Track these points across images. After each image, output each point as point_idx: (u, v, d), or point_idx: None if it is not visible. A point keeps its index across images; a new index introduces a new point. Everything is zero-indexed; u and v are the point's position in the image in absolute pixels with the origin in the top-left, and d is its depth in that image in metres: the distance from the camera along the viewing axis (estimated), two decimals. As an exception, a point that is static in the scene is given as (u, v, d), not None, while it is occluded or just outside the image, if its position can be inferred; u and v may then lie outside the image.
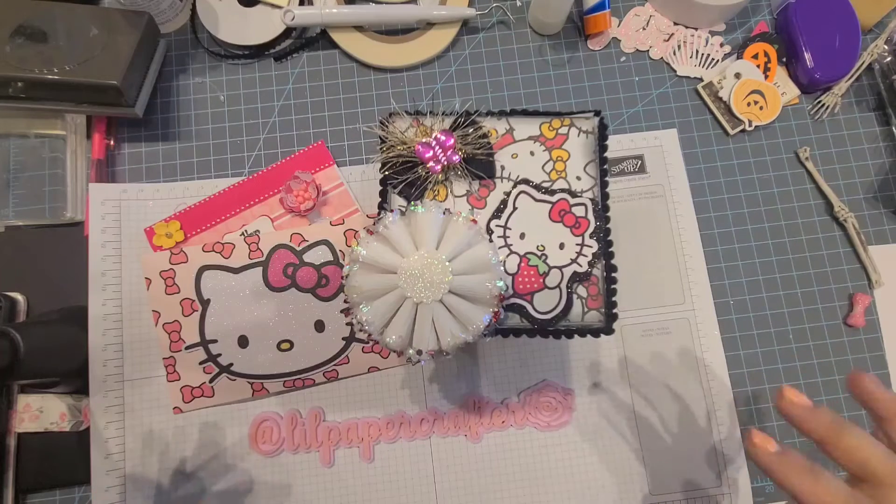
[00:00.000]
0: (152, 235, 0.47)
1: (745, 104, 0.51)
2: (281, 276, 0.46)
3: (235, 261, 0.47)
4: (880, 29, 0.54)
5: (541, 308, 0.36)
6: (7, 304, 0.45)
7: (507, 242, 0.37)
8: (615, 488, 0.46)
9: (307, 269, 0.47)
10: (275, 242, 0.47)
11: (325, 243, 0.47)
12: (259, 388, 0.46)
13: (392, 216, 0.33)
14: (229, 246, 0.47)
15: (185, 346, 0.46)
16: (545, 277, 0.36)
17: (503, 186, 0.37)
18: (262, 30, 0.51)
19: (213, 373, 0.46)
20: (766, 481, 0.46)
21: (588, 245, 0.36)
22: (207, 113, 0.51)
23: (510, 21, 0.54)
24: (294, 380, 0.46)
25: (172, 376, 0.46)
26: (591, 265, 0.36)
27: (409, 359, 0.32)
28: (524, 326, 0.36)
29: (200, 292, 0.46)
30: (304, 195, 0.47)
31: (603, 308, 0.36)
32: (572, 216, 0.37)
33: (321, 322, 0.46)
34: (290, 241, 0.47)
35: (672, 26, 0.53)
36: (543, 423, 0.46)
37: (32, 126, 0.50)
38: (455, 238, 0.32)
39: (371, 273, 0.32)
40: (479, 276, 0.32)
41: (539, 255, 0.36)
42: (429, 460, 0.46)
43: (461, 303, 0.32)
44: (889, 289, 0.49)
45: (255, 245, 0.47)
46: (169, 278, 0.46)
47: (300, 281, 0.46)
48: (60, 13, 0.46)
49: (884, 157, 0.52)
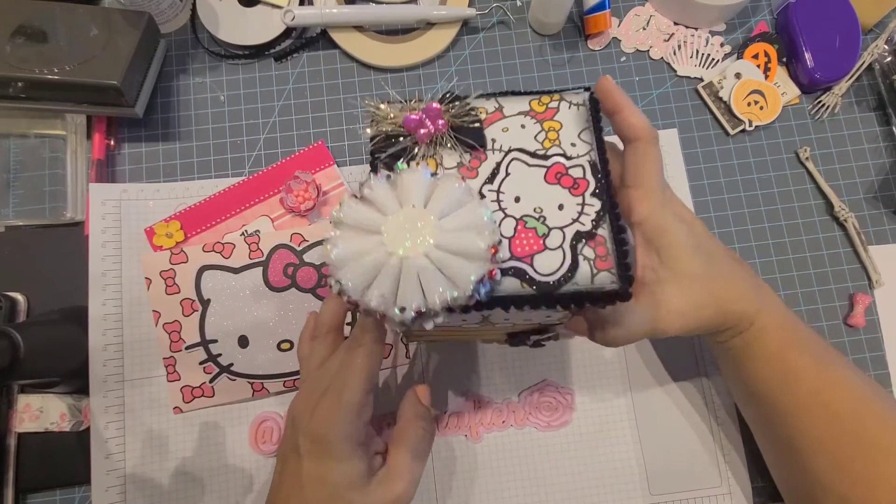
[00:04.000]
0: (152, 235, 0.47)
1: (746, 104, 0.51)
2: (281, 275, 0.46)
3: (236, 261, 0.46)
4: (880, 29, 0.54)
5: (542, 270, 0.32)
6: (7, 304, 0.45)
7: (500, 206, 0.34)
8: (615, 488, 0.46)
9: (308, 269, 0.46)
10: (275, 242, 0.47)
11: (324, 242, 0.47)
12: (259, 388, 0.46)
13: (377, 178, 0.31)
14: (229, 246, 0.47)
15: (186, 346, 0.46)
16: (545, 239, 0.33)
17: (495, 157, 0.35)
18: (262, 30, 0.51)
19: (213, 373, 0.46)
20: (766, 481, 0.46)
21: (590, 204, 0.33)
22: (207, 113, 0.51)
23: (510, 21, 0.54)
24: (294, 380, 0.46)
25: (172, 376, 0.46)
26: (594, 224, 0.33)
27: (393, 320, 0.29)
28: (525, 293, 0.32)
29: (201, 292, 0.46)
30: (305, 195, 0.47)
31: (615, 269, 0.32)
32: (570, 178, 0.34)
33: None
34: (291, 241, 0.47)
35: (672, 26, 0.53)
36: (543, 423, 0.46)
37: (32, 126, 0.50)
38: (444, 197, 0.30)
39: (352, 235, 0.30)
40: (469, 232, 0.30)
41: (537, 218, 0.33)
42: (429, 460, 0.46)
43: (450, 258, 0.29)
44: (889, 289, 0.49)
45: (255, 245, 0.47)
46: (169, 278, 0.46)
47: (301, 281, 0.46)
48: (60, 13, 0.46)
49: (884, 157, 0.52)
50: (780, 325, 0.38)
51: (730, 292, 0.37)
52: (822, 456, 0.37)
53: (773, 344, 0.37)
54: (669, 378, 0.47)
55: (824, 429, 0.37)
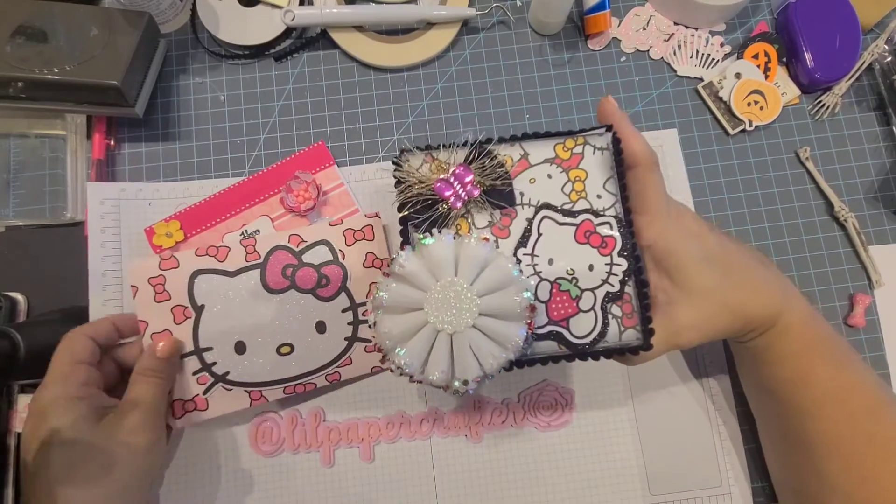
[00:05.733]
0: (152, 235, 0.47)
1: (746, 104, 0.51)
2: (280, 277, 0.45)
3: (231, 264, 0.45)
4: (881, 29, 0.54)
5: (578, 332, 0.35)
6: (7, 304, 0.45)
7: (535, 270, 0.36)
8: (615, 488, 0.46)
9: (307, 269, 0.45)
10: (273, 244, 0.45)
11: (325, 243, 0.46)
12: (258, 396, 0.44)
13: (404, 253, 0.32)
14: (224, 249, 0.45)
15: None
16: (578, 301, 0.36)
17: (525, 213, 0.36)
18: (262, 30, 0.51)
19: (207, 383, 0.44)
20: (766, 481, 0.46)
21: (617, 263, 0.36)
22: (207, 113, 0.51)
23: (510, 21, 0.54)
24: (295, 385, 0.44)
25: None
26: (622, 283, 0.36)
27: (457, 391, 0.31)
28: (562, 353, 0.35)
29: (194, 298, 0.44)
30: (305, 195, 0.47)
31: (639, 325, 0.35)
32: (598, 236, 0.36)
33: (322, 323, 0.45)
34: (289, 242, 0.45)
35: (672, 26, 0.53)
36: (543, 423, 0.46)
37: (32, 126, 0.50)
38: (471, 260, 0.32)
39: (397, 315, 0.32)
40: (504, 292, 0.32)
41: (570, 280, 0.36)
42: (429, 460, 0.46)
43: (494, 322, 0.31)
44: (889, 289, 0.49)
45: (251, 248, 0.45)
46: (158, 285, 0.43)
47: (299, 282, 0.45)
48: (60, 13, 0.46)
49: (884, 157, 0.52)
50: (804, 324, 0.38)
51: (750, 297, 0.37)
52: (834, 456, 0.37)
53: (794, 344, 0.38)
54: (670, 378, 0.47)
55: (839, 428, 0.37)
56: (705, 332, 0.36)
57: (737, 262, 0.38)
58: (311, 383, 0.45)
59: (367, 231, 0.46)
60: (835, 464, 0.37)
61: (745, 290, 0.37)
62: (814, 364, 0.38)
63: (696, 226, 0.38)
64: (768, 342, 0.38)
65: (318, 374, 0.45)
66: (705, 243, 0.37)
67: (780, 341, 0.38)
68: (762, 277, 0.38)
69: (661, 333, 0.35)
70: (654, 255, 0.36)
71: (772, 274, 0.39)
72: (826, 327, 0.39)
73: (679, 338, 0.36)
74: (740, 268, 0.38)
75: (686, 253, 0.36)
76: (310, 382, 0.45)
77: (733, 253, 0.38)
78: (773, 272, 0.40)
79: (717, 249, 0.37)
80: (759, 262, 0.39)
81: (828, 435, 0.37)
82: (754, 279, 0.38)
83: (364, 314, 0.45)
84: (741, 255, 0.38)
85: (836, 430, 0.37)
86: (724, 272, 0.37)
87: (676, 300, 0.36)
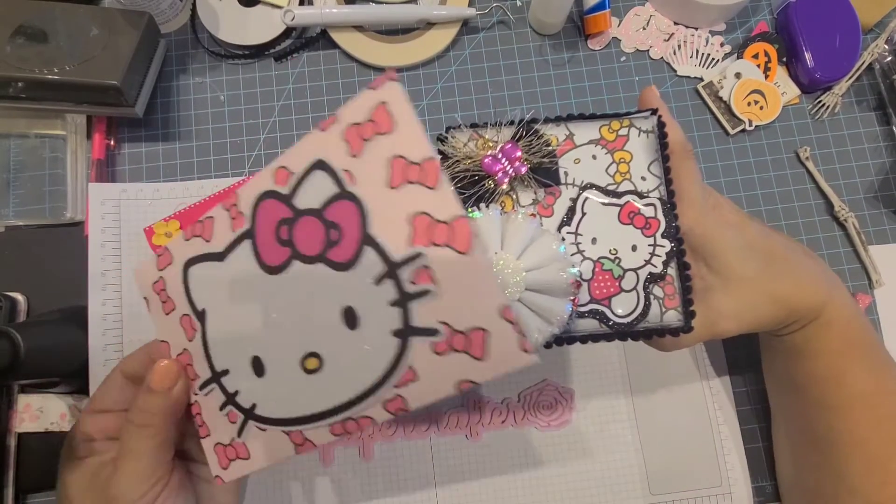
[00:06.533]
0: (152, 235, 0.47)
1: (746, 104, 0.51)
2: (274, 244, 0.30)
3: (217, 240, 0.32)
4: (881, 28, 0.54)
5: (619, 311, 0.35)
6: (7, 304, 0.45)
7: (579, 249, 0.36)
8: (615, 488, 0.46)
9: (307, 220, 0.29)
10: (255, 193, 0.30)
11: (320, 166, 0.28)
12: (300, 440, 0.30)
13: None
14: (209, 222, 0.32)
15: (199, 384, 0.33)
16: (620, 281, 0.36)
17: (569, 192, 0.36)
18: (262, 30, 0.51)
19: (237, 422, 0.32)
20: (766, 481, 0.46)
21: (661, 245, 0.36)
22: (207, 113, 0.51)
23: (510, 21, 0.54)
24: (344, 421, 0.29)
25: (203, 430, 0.33)
26: (665, 265, 0.35)
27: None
28: (602, 331, 0.35)
29: (192, 301, 0.33)
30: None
31: (680, 307, 0.35)
32: (642, 217, 0.36)
33: (351, 311, 0.28)
34: (275, 183, 0.30)
35: (672, 26, 0.53)
36: (543, 423, 0.46)
37: (32, 126, 0.50)
38: (518, 235, 0.32)
39: None
40: (550, 268, 0.31)
41: (612, 259, 0.36)
42: (429, 460, 0.46)
43: (540, 297, 0.31)
44: (889, 289, 0.49)
45: (234, 209, 0.31)
46: (162, 291, 0.34)
47: (301, 244, 0.29)
48: (60, 13, 0.46)
49: (884, 157, 0.52)
50: (847, 320, 0.37)
51: (794, 288, 0.36)
52: (857, 457, 0.37)
53: (835, 341, 0.37)
54: (670, 378, 0.47)
55: (865, 431, 0.37)
56: (746, 321, 0.36)
57: (780, 252, 0.37)
58: (365, 417, 0.28)
59: (380, 117, 0.26)
60: (857, 465, 0.36)
61: (789, 280, 0.36)
62: (851, 364, 0.37)
63: (734, 215, 0.38)
64: (808, 336, 0.37)
65: (370, 401, 0.28)
66: (745, 232, 0.37)
67: (820, 336, 0.37)
68: (807, 268, 0.37)
69: (699, 319, 0.35)
70: (691, 243, 0.36)
71: (817, 265, 0.39)
72: (868, 328, 0.39)
73: (717, 326, 0.36)
74: (784, 257, 0.37)
75: (724, 241, 0.35)
76: (364, 416, 0.28)
77: (776, 242, 0.37)
78: (818, 263, 0.39)
79: (758, 238, 0.37)
80: (803, 253, 0.39)
81: (853, 436, 0.37)
82: (799, 269, 0.37)
83: (416, 277, 0.26)
84: (785, 245, 0.38)
85: (862, 432, 0.36)
86: (767, 261, 0.36)
87: (714, 287, 0.36)
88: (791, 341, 0.38)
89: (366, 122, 0.26)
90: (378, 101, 0.25)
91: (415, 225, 0.25)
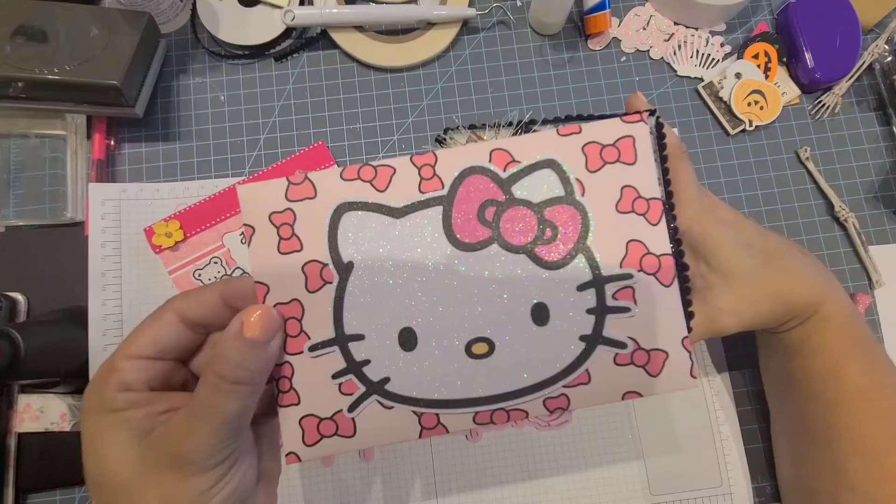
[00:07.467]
0: (152, 235, 0.47)
1: (746, 104, 0.51)
2: (475, 221, 0.29)
3: (396, 195, 0.29)
4: (881, 29, 0.54)
5: None
6: (7, 304, 0.45)
7: None
8: (615, 488, 0.46)
9: (519, 210, 0.29)
10: (464, 164, 0.29)
11: (551, 166, 0.29)
12: (431, 423, 0.29)
13: None
14: (386, 171, 0.29)
15: (310, 344, 0.29)
16: None
17: None
18: (262, 30, 0.51)
19: (355, 394, 0.29)
20: (766, 481, 0.46)
21: None
22: (207, 113, 0.51)
23: (510, 21, 0.54)
24: (493, 411, 0.29)
25: (287, 397, 0.29)
26: None
27: None
28: None
29: (337, 249, 0.29)
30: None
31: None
32: None
33: (543, 307, 0.29)
34: (490, 163, 0.29)
35: (672, 26, 0.53)
36: (543, 423, 0.46)
37: (33, 126, 0.50)
38: None
39: None
40: None
41: None
42: (429, 460, 0.46)
43: None
44: (889, 289, 0.49)
45: (429, 170, 0.29)
46: (285, 226, 0.29)
47: (507, 232, 0.29)
48: (60, 13, 0.46)
49: (884, 157, 0.52)
50: (844, 317, 0.38)
51: (792, 284, 0.37)
52: (856, 454, 0.37)
53: (831, 336, 0.37)
54: (669, 378, 0.47)
55: (863, 426, 0.37)
56: (746, 318, 0.36)
57: (776, 249, 0.38)
58: (519, 410, 0.29)
59: (625, 147, 0.29)
60: (856, 461, 0.37)
61: (787, 277, 0.37)
62: (849, 359, 0.37)
63: (730, 215, 0.38)
64: (805, 333, 0.38)
65: (532, 396, 0.29)
66: (742, 230, 0.37)
67: (817, 333, 0.37)
68: (804, 265, 0.38)
69: (699, 318, 0.35)
70: (691, 242, 0.36)
71: (813, 263, 0.39)
72: (864, 324, 0.39)
73: (717, 323, 0.36)
74: (780, 254, 0.37)
75: (723, 238, 0.36)
76: (518, 409, 0.29)
77: (772, 240, 0.38)
78: (814, 261, 0.40)
79: (755, 236, 0.37)
80: (799, 251, 0.39)
81: (851, 432, 0.37)
82: (796, 266, 0.37)
83: (616, 296, 0.29)
84: (780, 242, 0.38)
85: (860, 428, 0.37)
86: (765, 258, 0.37)
87: (714, 285, 0.36)
88: (789, 338, 0.39)
89: (609, 146, 0.29)
90: (627, 133, 0.29)
91: (629, 249, 0.29)
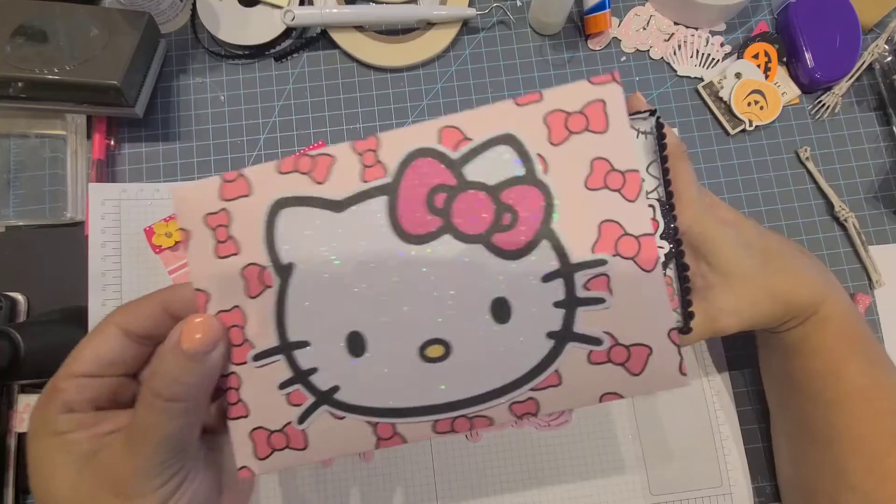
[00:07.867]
0: (152, 235, 0.47)
1: (746, 104, 0.51)
2: (423, 210, 0.26)
3: (337, 186, 0.26)
4: (881, 28, 0.54)
5: None
6: (7, 304, 0.45)
7: None
8: (615, 488, 0.46)
9: (471, 194, 0.26)
10: (410, 147, 0.26)
11: (508, 141, 0.25)
12: (388, 433, 0.27)
13: None
14: (325, 160, 0.26)
15: (253, 353, 0.27)
16: None
17: None
18: (262, 30, 0.51)
19: (303, 405, 0.27)
20: (766, 481, 0.46)
21: (659, 246, 0.35)
22: (207, 113, 0.51)
23: (510, 21, 0.54)
24: (454, 419, 0.26)
25: (235, 409, 0.27)
26: (664, 266, 0.35)
27: None
28: None
29: (275, 250, 0.27)
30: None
31: (679, 308, 0.35)
32: None
33: (504, 302, 0.26)
34: (440, 143, 0.26)
35: (672, 26, 0.53)
36: (543, 422, 0.46)
37: (32, 126, 0.50)
38: None
39: None
40: None
41: None
42: (429, 460, 0.46)
43: None
44: (890, 289, 0.49)
45: (371, 157, 0.26)
46: (221, 227, 0.27)
47: (459, 219, 0.26)
48: (60, 13, 0.46)
49: (884, 157, 0.52)
50: (844, 316, 0.38)
51: (792, 284, 0.37)
52: (856, 453, 0.37)
53: (831, 336, 0.37)
54: (669, 378, 0.47)
55: (863, 426, 0.37)
56: (746, 318, 0.36)
57: (777, 249, 0.38)
58: (482, 417, 0.27)
59: (594, 113, 0.25)
60: (856, 461, 0.37)
61: (787, 276, 0.37)
62: (849, 359, 0.37)
63: (731, 215, 0.38)
64: (806, 333, 0.38)
65: (496, 401, 0.26)
66: (742, 230, 0.37)
67: (818, 332, 0.37)
68: (804, 265, 0.38)
69: (700, 317, 0.35)
70: (690, 241, 0.36)
71: (813, 262, 0.39)
72: (864, 324, 0.39)
73: (717, 323, 0.36)
74: (780, 254, 0.37)
75: (723, 237, 0.36)
76: (480, 415, 0.26)
77: (772, 240, 0.38)
78: (814, 260, 0.40)
79: (755, 235, 0.37)
80: (799, 251, 0.39)
81: (851, 432, 0.37)
82: (796, 266, 0.38)
83: (588, 285, 0.25)
84: (781, 242, 0.39)
85: (861, 427, 0.37)
86: (765, 258, 0.37)
87: (715, 284, 0.36)
88: (789, 338, 0.39)
89: (575, 114, 0.25)
90: (596, 97, 0.25)
91: (602, 231, 0.25)
